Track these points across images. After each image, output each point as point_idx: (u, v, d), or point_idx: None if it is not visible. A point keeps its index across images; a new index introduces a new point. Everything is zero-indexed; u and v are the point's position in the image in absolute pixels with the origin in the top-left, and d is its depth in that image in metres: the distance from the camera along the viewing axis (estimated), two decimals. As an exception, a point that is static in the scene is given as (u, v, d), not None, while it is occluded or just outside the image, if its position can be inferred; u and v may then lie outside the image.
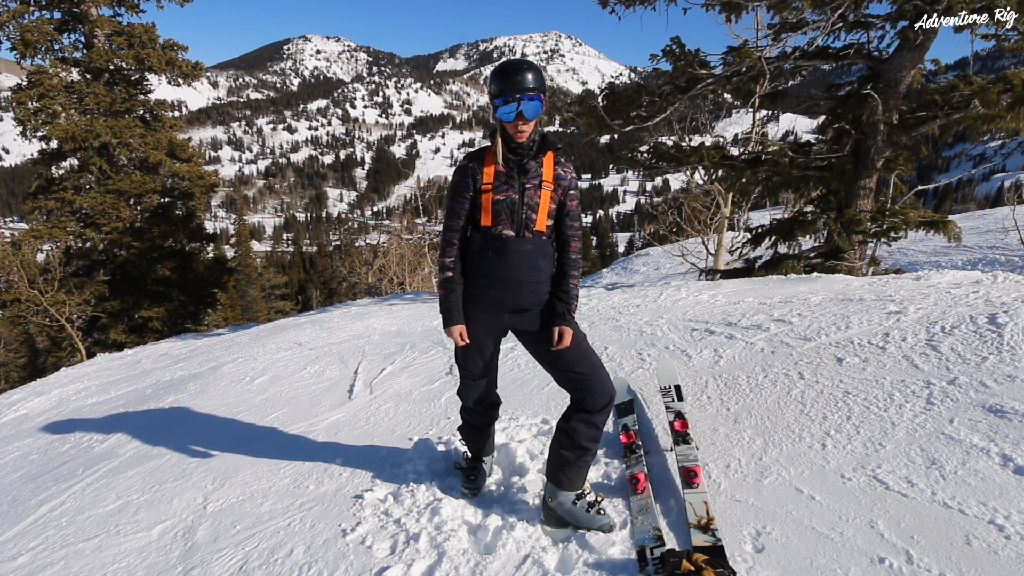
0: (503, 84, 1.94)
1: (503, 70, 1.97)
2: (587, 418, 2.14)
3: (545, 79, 2.01)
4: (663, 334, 4.18)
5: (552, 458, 2.21)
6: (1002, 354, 2.85)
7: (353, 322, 6.92)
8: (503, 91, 1.94)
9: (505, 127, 2.02)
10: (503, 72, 1.96)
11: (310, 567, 2.12)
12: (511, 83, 1.93)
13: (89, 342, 15.11)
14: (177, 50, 15.20)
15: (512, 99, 1.93)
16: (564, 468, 2.16)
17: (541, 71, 2.01)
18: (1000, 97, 6.26)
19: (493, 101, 1.99)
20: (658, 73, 8.05)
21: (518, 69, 1.95)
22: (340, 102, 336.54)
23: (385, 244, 22.14)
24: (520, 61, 1.97)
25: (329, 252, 57.48)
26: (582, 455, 2.16)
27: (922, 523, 1.88)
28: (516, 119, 1.97)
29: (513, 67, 1.96)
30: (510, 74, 1.94)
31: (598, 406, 2.13)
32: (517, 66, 1.96)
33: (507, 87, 1.93)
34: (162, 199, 15.69)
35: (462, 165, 2.12)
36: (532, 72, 1.95)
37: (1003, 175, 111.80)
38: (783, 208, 12.98)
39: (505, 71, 1.96)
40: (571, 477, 2.16)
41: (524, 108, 1.94)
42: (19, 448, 4.30)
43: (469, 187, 2.09)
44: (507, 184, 2.07)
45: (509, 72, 1.95)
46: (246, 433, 3.66)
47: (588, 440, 2.15)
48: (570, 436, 2.16)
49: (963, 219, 16.09)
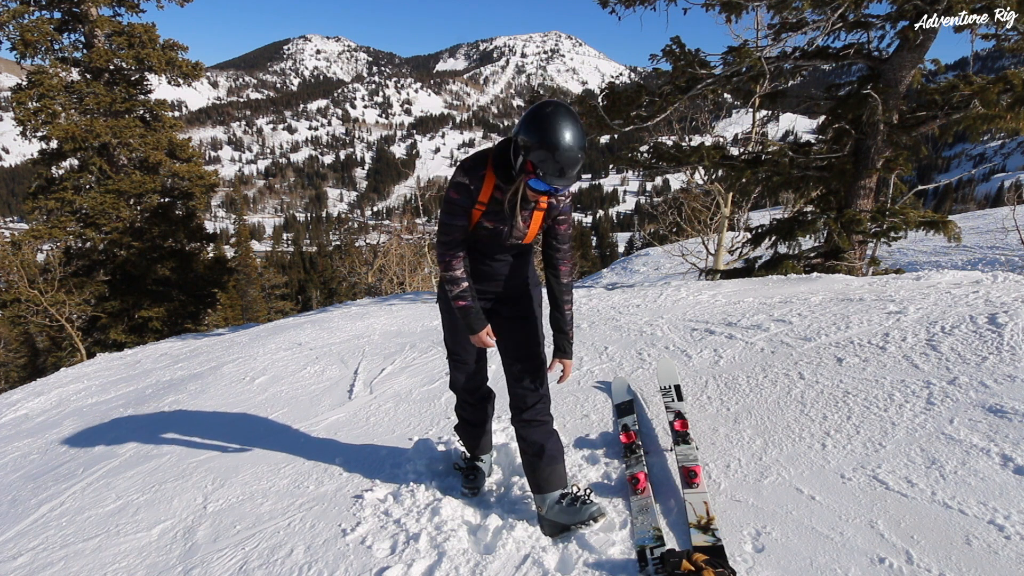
0: (551, 171, 1.78)
1: (558, 158, 1.76)
2: (524, 417, 2.20)
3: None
4: (663, 334, 4.18)
5: (524, 467, 2.25)
6: (1002, 354, 2.85)
7: (353, 322, 6.92)
8: (547, 176, 1.79)
9: (527, 187, 1.92)
10: (557, 160, 1.76)
11: (310, 567, 2.12)
12: (559, 176, 1.79)
13: (89, 342, 15.10)
14: (177, 50, 15.19)
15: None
16: (536, 471, 2.19)
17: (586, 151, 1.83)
18: (1000, 97, 6.25)
19: (528, 159, 1.80)
20: (658, 73, 8.05)
21: (573, 163, 1.77)
22: (340, 102, 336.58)
23: (385, 244, 22.14)
24: (576, 153, 1.76)
25: (329, 252, 57.45)
26: (542, 453, 2.18)
27: (922, 523, 1.88)
28: (543, 194, 1.91)
29: (569, 160, 1.76)
30: (564, 167, 1.77)
31: (520, 406, 2.20)
32: (572, 160, 1.76)
33: (553, 175, 1.79)
34: (162, 199, 15.68)
35: (460, 183, 1.97)
36: (581, 164, 1.80)
37: (1003, 175, 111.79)
38: (783, 208, 12.98)
39: (561, 161, 1.76)
40: (546, 478, 2.18)
41: (558, 191, 1.87)
42: (19, 448, 4.30)
43: (467, 206, 2.00)
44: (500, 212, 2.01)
45: (564, 165, 1.77)
46: (246, 433, 3.66)
47: (542, 437, 2.19)
48: (524, 439, 2.21)
49: (963, 219, 16.09)
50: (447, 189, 2.03)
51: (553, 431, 2.23)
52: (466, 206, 1.99)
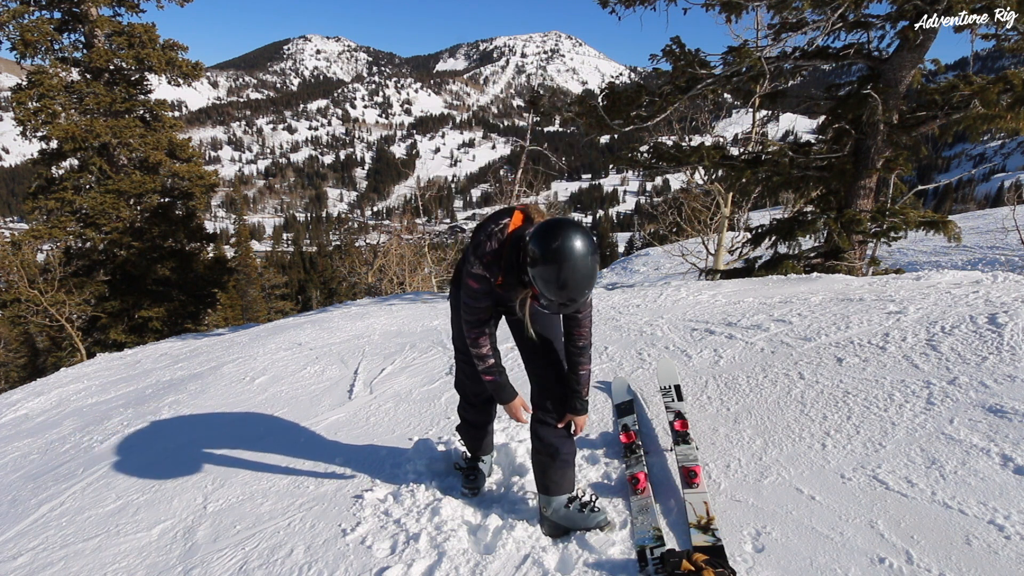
0: (553, 308, 1.77)
1: (561, 298, 1.71)
2: (542, 417, 2.17)
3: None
4: (663, 334, 4.18)
5: (534, 466, 2.23)
6: (1002, 354, 2.85)
7: (353, 322, 6.92)
8: (549, 307, 1.78)
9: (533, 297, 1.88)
10: (559, 299, 1.71)
11: (310, 567, 2.12)
12: (561, 310, 1.78)
13: (89, 342, 15.10)
14: (177, 50, 15.19)
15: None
16: (546, 472, 2.17)
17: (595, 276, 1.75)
18: (1000, 97, 6.25)
19: (532, 274, 1.73)
20: (658, 73, 8.05)
21: (575, 300, 1.73)
22: (340, 102, 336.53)
23: (385, 244, 22.12)
24: (579, 294, 1.71)
25: (329, 252, 57.43)
26: (556, 455, 2.16)
27: (922, 523, 1.88)
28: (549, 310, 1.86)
29: (572, 298, 1.72)
30: (567, 305, 1.74)
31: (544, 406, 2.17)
32: (575, 298, 1.72)
33: (554, 311, 1.79)
34: (162, 199, 15.68)
35: (479, 275, 1.94)
36: (587, 296, 1.76)
37: (1003, 175, 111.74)
38: (783, 208, 12.98)
39: (563, 299, 1.72)
40: (556, 481, 2.16)
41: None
42: (19, 448, 4.30)
43: (488, 290, 1.99)
44: (515, 289, 1.96)
45: (567, 302, 1.73)
46: (246, 433, 3.66)
47: (557, 439, 2.16)
48: (539, 438, 2.18)
49: (963, 219, 16.09)
50: (465, 275, 1.99)
51: (569, 435, 2.21)
52: (487, 290, 2.00)
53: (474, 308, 2.02)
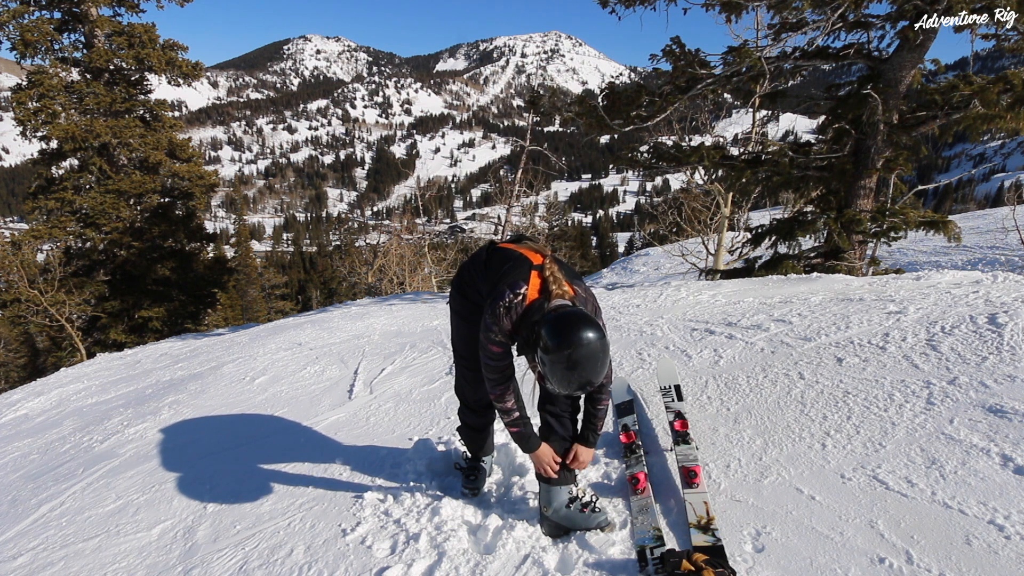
0: (568, 387, 1.73)
1: (579, 375, 1.69)
2: (545, 407, 2.21)
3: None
4: (663, 334, 4.18)
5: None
6: (1002, 354, 2.85)
7: (353, 322, 6.92)
8: (563, 388, 1.75)
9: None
10: (567, 396, 1.73)
11: (310, 567, 2.12)
12: (575, 389, 1.75)
13: (89, 342, 15.11)
14: (177, 50, 15.19)
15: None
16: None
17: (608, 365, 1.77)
18: (1000, 97, 6.25)
19: (543, 359, 1.72)
20: (658, 73, 8.05)
21: (590, 379, 1.71)
22: (340, 102, 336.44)
23: (385, 244, 22.13)
24: (584, 390, 1.74)
25: (329, 252, 57.48)
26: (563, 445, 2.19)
27: (922, 523, 1.88)
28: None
29: (579, 395, 1.75)
30: (581, 383, 1.72)
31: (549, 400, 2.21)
32: (580, 394, 1.75)
33: (565, 387, 1.74)
34: (162, 199, 15.69)
35: (501, 342, 1.93)
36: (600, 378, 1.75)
37: (1003, 175, 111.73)
38: (783, 208, 12.98)
39: (581, 378, 1.70)
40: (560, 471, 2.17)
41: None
42: (19, 448, 4.30)
43: (510, 352, 1.99)
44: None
45: (581, 381, 1.71)
46: (246, 433, 3.66)
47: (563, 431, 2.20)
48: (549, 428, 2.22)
49: (963, 219, 16.08)
50: (486, 340, 1.95)
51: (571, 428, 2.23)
52: (508, 351, 1.99)
53: (496, 367, 1.99)
